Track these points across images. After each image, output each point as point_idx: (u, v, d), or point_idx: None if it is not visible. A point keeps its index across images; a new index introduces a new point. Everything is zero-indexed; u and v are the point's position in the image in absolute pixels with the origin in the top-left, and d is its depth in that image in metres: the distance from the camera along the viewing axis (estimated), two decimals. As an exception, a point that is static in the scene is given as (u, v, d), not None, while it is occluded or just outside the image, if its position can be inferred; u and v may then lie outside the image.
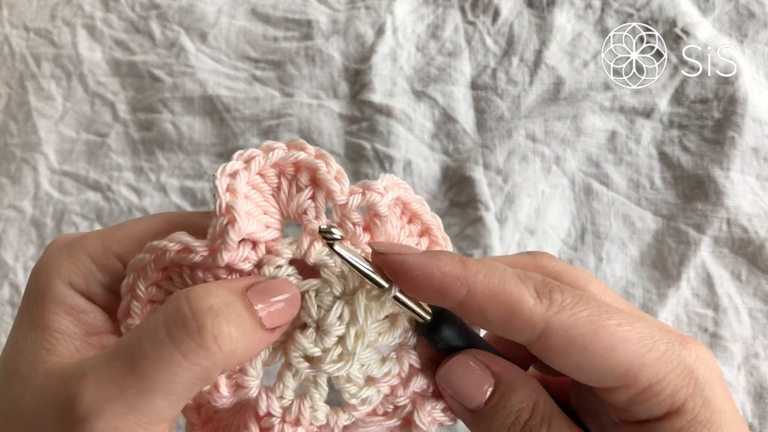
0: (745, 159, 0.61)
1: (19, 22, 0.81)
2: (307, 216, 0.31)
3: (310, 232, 0.31)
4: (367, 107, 0.69)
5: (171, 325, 0.26)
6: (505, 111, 0.67)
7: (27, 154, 0.73)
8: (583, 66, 0.67)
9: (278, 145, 0.31)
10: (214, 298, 0.27)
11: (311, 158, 0.31)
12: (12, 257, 0.68)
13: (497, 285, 0.29)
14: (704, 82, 0.64)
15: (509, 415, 0.30)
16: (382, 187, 0.31)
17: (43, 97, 0.76)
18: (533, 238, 0.62)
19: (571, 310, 0.28)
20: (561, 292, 0.29)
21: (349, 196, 0.31)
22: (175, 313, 0.26)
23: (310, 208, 0.31)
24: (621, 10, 0.69)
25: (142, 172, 0.71)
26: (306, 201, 0.31)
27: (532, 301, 0.29)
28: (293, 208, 0.31)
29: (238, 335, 0.26)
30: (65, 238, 0.32)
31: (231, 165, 0.29)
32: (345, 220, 0.31)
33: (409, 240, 0.34)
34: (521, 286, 0.29)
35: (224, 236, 0.28)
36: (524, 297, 0.29)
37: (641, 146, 0.64)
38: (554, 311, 0.28)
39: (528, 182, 0.63)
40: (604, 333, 0.28)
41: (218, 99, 0.72)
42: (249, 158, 0.30)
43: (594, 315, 0.28)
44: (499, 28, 0.70)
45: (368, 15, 0.73)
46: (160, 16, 0.77)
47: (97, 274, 0.30)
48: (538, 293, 0.29)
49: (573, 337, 0.28)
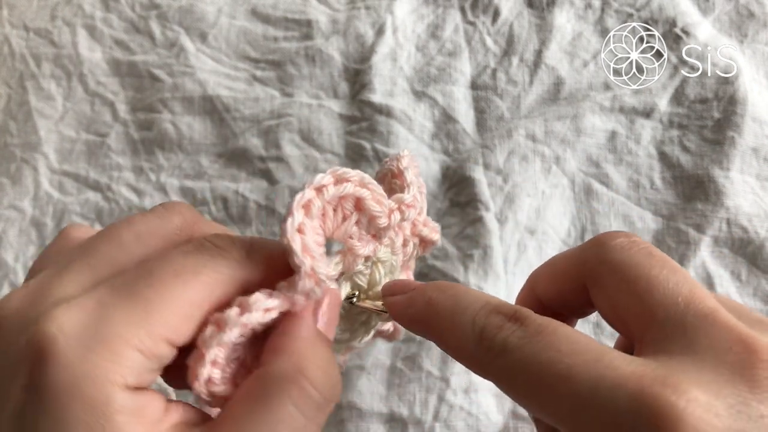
0: (745, 159, 0.61)
1: (19, 22, 0.81)
2: (352, 240, 0.33)
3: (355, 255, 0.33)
4: (367, 107, 0.69)
5: (308, 412, 0.27)
6: (505, 111, 0.67)
7: (27, 154, 0.73)
8: (583, 66, 0.67)
9: (327, 181, 0.30)
10: (326, 370, 0.28)
11: (358, 188, 0.32)
12: (12, 257, 0.68)
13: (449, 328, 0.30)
14: (704, 82, 0.64)
15: None
16: (411, 198, 0.34)
17: (43, 97, 0.76)
18: (533, 238, 0.62)
19: (508, 357, 0.27)
20: (505, 336, 0.27)
21: (390, 217, 0.33)
22: (300, 387, 0.27)
23: (354, 234, 0.33)
24: (621, 10, 0.69)
25: (142, 172, 0.71)
26: (352, 227, 0.32)
27: (473, 345, 0.28)
28: (339, 235, 0.32)
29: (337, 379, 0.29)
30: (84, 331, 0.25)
31: (297, 219, 0.29)
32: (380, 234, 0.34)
33: None
34: (468, 327, 0.29)
35: (309, 295, 0.29)
36: (466, 340, 0.29)
37: (641, 146, 0.64)
38: (490, 358, 0.27)
39: (528, 182, 0.63)
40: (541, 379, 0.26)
41: (218, 99, 0.72)
42: (307, 205, 0.30)
43: (534, 363, 0.26)
44: (499, 28, 0.70)
45: (368, 15, 0.73)
46: (160, 16, 0.77)
47: (148, 364, 0.26)
48: (482, 337, 0.28)
49: (509, 387, 0.27)
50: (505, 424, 0.56)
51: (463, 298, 0.30)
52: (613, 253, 0.29)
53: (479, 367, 0.28)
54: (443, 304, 0.31)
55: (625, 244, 0.29)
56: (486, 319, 0.28)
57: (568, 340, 0.26)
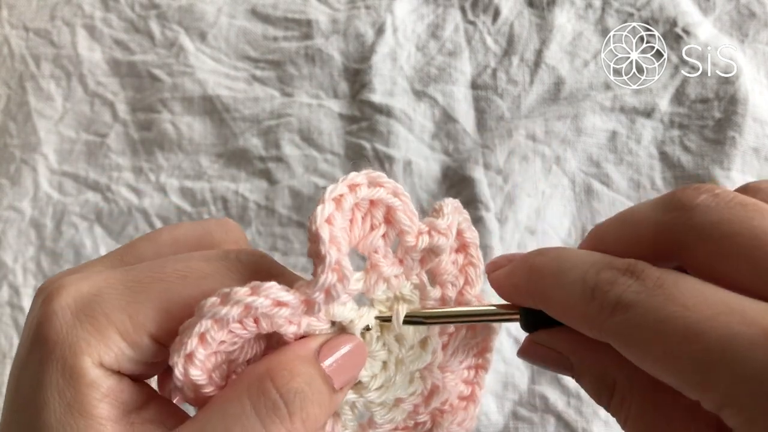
0: (745, 159, 0.61)
1: (18, 23, 0.80)
2: (377, 255, 0.30)
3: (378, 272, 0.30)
4: (367, 107, 0.69)
5: (263, 412, 0.25)
6: (505, 111, 0.67)
7: (26, 155, 0.73)
8: (584, 66, 0.67)
9: (360, 180, 0.29)
10: (298, 378, 0.26)
11: (391, 196, 0.30)
12: (11, 258, 0.68)
13: (555, 288, 0.27)
14: (705, 82, 0.64)
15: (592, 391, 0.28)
16: (445, 227, 0.31)
17: (42, 98, 0.76)
18: (534, 238, 0.61)
19: (625, 314, 0.24)
20: (619, 292, 0.25)
21: (418, 238, 0.30)
22: (264, 398, 0.25)
23: (380, 247, 0.30)
24: (621, 10, 0.69)
25: (142, 173, 0.71)
26: (379, 239, 0.30)
27: (583, 305, 0.26)
28: (365, 246, 0.30)
29: (319, 412, 0.26)
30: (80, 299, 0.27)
31: (327, 209, 0.27)
32: (407, 257, 0.31)
33: (452, 267, 0.34)
34: (576, 286, 0.26)
35: (330, 293, 0.27)
36: (576, 300, 0.26)
37: (642, 146, 0.64)
38: (603, 317, 0.25)
39: (528, 182, 0.63)
40: (662, 344, 0.23)
41: (218, 99, 0.72)
42: (338, 198, 0.28)
43: (655, 319, 0.23)
44: (500, 28, 0.70)
45: (368, 15, 0.73)
46: (159, 15, 0.77)
47: (128, 351, 0.27)
48: (592, 295, 0.26)
49: (627, 346, 0.24)
50: (505, 425, 0.56)
51: (567, 259, 0.28)
52: (701, 216, 0.25)
53: (592, 327, 0.26)
54: (548, 267, 0.28)
55: (711, 202, 0.25)
56: (597, 276, 0.26)
57: (692, 292, 0.23)
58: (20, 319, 0.66)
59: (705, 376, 0.22)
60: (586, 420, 0.55)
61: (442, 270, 0.33)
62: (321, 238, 0.26)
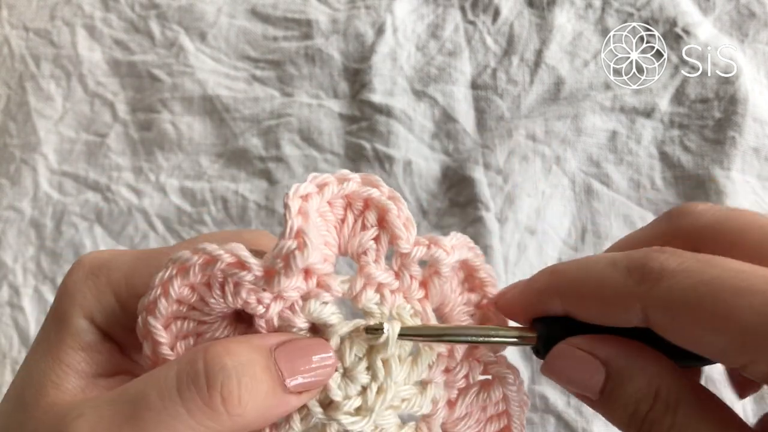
0: (746, 159, 0.61)
1: (18, 23, 0.80)
2: (366, 258, 0.29)
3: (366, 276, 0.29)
4: (367, 107, 0.69)
5: (182, 379, 0.25)
6: (505, 111, 0.67)
7: (26, 155, 0.73)
8: (584, 66, 0.67)
9: (353, 176, 0.29)
10: (232, 357, 0.25)
11: (384, 198, 0.29)
12: (11, 258, 0.68)
13: (585, 277, 0.27)
14: (705, 82, 0.64)
15: (627, 406, 0.26)
16: (449, 246, 0.29)
17: (42, 98, 0.76)
18: (533, 238, 0.61)
19: (670, 280, 0.24)
20: (661, 260, 0.25)
21: (414, 247, 0.29)
22: (188, 366, 0.25)
23: (371, 250, 0.29)
24: (621, 10, 0.69)
25: (142, 173, 0.71)
26: (369, 241, 0.29)
27: (622, 280, 0.26)
28: (354, 246, 0.29)
29: (248, 398, 0.25)
30: (95, 260, 0.30)
31: (305, 187, 0.27)
32: (403, 270, 0.30)
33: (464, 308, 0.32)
34: (609, 268, 0.26)
35: (289, 261, 0.26)
36: (613, 280, 0.26)
37: (642, 146, 0.64)
38: (648, 286, 0.25)
39: (528, 182, 0.63)
40: (711, 301, 0.23)
41: (218, 99, 0.72)
42: (322, 183, 0.28)
43: (700, 279, 0.24)
44: (500, 28, 0.70)
45: (368, 15, 0.73)
46: (159, 15, 0.77)
47: (119, 314, 0.29)
48: (629, 270, 0.26)
49: (674, 314, 0.24)
50: (506, 425, 0.56)
51: (586, 258, 0.28)
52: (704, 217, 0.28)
53: (635, 300, 0.25)
54: (570, 265, 0.29)
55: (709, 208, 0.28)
56: (628, 257, 0.26)
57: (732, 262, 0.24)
58: (20, 318, 0.66)
59: (757, 336, 0.22)
60: (586, 420, 0.55)
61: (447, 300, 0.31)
62: (289, 207, 0.26)
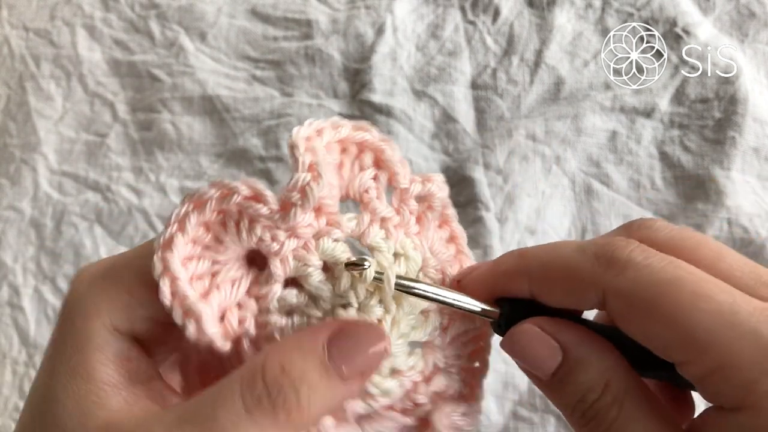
0: (746, 159, 0.61)
1: (18, 23, 0.80)
2: (368, 195, 0.30)
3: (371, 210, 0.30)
4: (367, 107, 0.69)
5: (247, 399, 0.25)
6: (505, 111, 0.67)
7: (26, 155, 0.73)
8: (584, 66, 0.67)
9: (344, 123, 0.30)
10: (286, 374, 0.25)
11: (377, 140, 0.30)
12: (11, 258, 0.68)
13: (552, 260, 0.28)
14: (705, 82, 0.64)
15: (576, 393, 0.27)
16: (441, 181, 0.32)
17: (42, 98, 0.76)
18: (533, 238, 0.61)
19: (635, 272, 0.25)
20: (628, 251, 0.26)
21: (411, 183, 0.31)
22: (251, 385, 0.25)
23: (371, 188, 0.30)
24: (621, 10, 0.69)
25: (142, 173, 0.71)
26: (369, 180, 0.30)
27: (588, 266, 0.26)
28: (355, 186, 0.31)
29: (309, 405, 0.25)
30: (91, 271, 0.29)
31: (305, 129, 0.28)
32: (403, 206, 0.31)
33: (441, 246, 0.34)
34: (576, 253, 0.27)
35: (305, 192, 0.27)
36: (580, 264, 0.27)
37: (642, 146, 0.64)
38: (613, 274, 0.26)
39: (528, 182, 0.63)
40: (669, 298, 0.24)
41: (218, 99, 0.72)
42: (320, 128, 0.29)
43: (663, 277, 0.25)
44: (500, 28, 0.70)
45: (368, 15, 0.73)
46: (159, 15, 0.77)
47: (138, 307, 0.28)
48: (597, 257, 0.27)
49: (632, 302, 0.25)
50: (505, 425, 0.56)
51: (555, 243, 0.29)
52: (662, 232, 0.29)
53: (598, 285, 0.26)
54: (538, 249, 0.29)
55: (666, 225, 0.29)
56: (594, 244, 0.27)
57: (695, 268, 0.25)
58: (20, 319, 0.66)
59: (701, 341, 0.24)
60: (586, 420, 0.55)
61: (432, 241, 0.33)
62: (297, 145, 0.27)
